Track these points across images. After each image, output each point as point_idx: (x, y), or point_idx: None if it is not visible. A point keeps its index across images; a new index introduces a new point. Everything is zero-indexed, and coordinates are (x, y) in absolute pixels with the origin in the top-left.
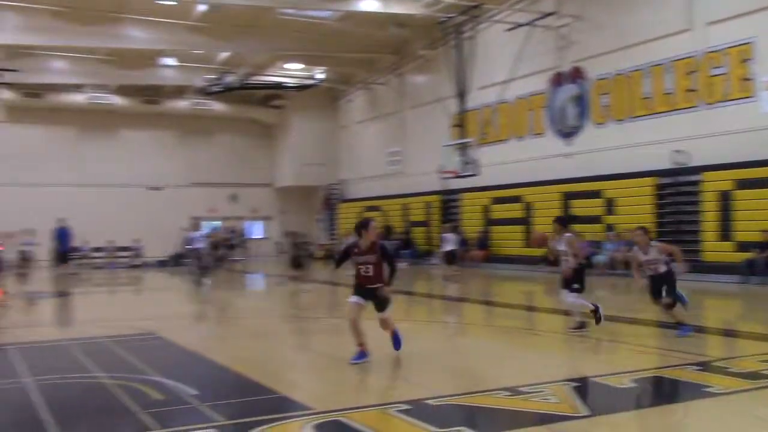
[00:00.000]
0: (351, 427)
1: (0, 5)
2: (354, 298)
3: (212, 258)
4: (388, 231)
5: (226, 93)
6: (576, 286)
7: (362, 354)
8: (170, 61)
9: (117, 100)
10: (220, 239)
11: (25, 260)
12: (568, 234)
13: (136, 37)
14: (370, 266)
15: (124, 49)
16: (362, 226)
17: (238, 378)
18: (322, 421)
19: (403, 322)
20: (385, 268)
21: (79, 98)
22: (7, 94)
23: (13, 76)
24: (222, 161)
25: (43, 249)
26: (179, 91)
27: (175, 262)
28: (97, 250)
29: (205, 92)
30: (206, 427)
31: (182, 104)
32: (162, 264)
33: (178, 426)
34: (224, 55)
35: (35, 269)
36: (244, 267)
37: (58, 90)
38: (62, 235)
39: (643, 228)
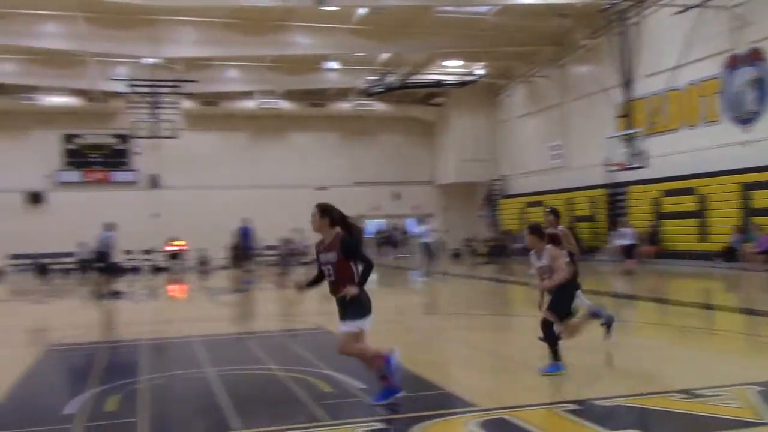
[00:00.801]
0: (516, 426)
1: (180, 21)
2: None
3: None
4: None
5: (387, 93)
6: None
7: (388, 391)
8: (333, 64)
9: (284, 105)
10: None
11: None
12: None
13: (301, 43)
14: (331, 267)
15: (291, 56)
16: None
17: (404, 373)
18: (486, 418)
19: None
20: (354, 269)
21: (250, 104)
22: (188, 104)
23: (192, 86)
24: (384, 160)
25: (221, 248)
26: (342, 94)
27: None
28: (270, 248)
29: (367, 93)
30: (373, 421)
31: (345, 106)
32: None
33: (347, 418)
34: (385, 56)
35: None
36: (407, 264)
37: (231, 97)
38: (245, 234)
39: (532, 226)
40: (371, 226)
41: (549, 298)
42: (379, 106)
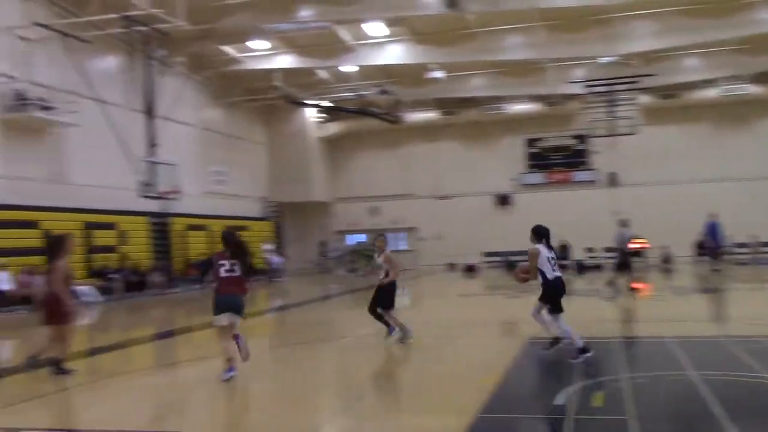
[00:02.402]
0: None
1: (635, 15)
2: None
3: None
4: None
5: None
6: None
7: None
8: None
9: (752, 89)
10: None
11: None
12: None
13: None
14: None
15: (758, 35)
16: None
17: None
18: None
19: None
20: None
21: (711, 93)
22: (645, 98)
23: (650, 80)
24: None
25: (685, 245)
26: None
27: None
28: (741, 245)
29: None
30: None
31: None
32: None
33: None
34: None
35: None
36: None
37: (691, 87)
38: (713, 230)
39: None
40: None
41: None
42: None
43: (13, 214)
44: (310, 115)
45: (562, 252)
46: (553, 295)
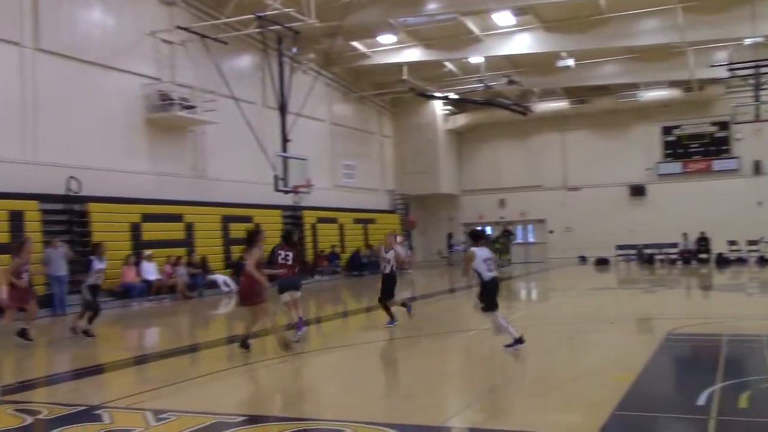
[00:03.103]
0: None
1: None
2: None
3: None
4: None
5: None
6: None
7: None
8: None
9: None
10: None
11: None
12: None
13: None
14: None
15: None
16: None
17: None
18: None
19: None
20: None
21: None
22: None
23: None
24: None
25: None
26: None
27: None
28: None
29: None
30: None
31: None
32: None
33: None
34: None
35: None
36: None
37: None
38: None
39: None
40: None
41: None
42: None
43: (160, 208)
44: (438, 107)
45: (701, 244)
46: (488, 294)
